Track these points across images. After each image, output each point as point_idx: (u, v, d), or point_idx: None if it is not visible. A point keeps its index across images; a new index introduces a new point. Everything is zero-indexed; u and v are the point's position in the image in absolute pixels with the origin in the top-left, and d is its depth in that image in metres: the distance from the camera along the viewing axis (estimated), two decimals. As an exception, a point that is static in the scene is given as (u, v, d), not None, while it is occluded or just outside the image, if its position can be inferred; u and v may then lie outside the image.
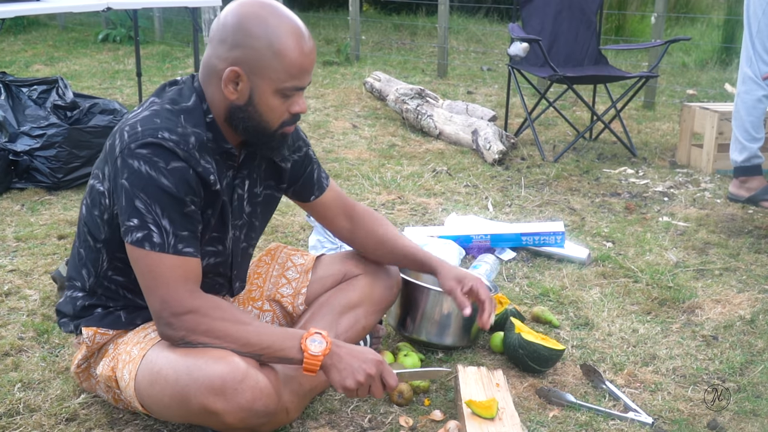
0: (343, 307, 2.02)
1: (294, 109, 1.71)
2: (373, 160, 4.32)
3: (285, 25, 1.64)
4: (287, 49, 1.63)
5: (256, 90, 1.66)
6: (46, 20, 10.54)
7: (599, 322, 2.47)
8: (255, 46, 1.63)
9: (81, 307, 1.84)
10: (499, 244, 3.01)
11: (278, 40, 1.63)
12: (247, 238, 1.92)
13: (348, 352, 1.70)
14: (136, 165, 1.61)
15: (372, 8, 12.54)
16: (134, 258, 1.65)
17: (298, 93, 1.70)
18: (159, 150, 1.61)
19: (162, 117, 1.66)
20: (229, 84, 1.66)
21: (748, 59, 3.27)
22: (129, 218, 1.62)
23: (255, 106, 1.68)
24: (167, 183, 1.61)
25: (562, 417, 1.94)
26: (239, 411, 1.61)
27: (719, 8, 9.56)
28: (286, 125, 1.73)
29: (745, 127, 3.32)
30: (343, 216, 2.07)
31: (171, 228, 1.62)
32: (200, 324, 1.65)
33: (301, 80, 1.67)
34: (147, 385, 1.68)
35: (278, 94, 1.67)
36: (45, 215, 3.35)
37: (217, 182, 1.71)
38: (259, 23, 1.63)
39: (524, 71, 4.84)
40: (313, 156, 2.01)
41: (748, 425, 1.94)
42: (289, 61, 1.64)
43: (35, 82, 3.95)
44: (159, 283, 1.63)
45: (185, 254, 1.64)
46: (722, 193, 3.83)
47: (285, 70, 1.64)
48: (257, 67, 1.64)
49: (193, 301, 1.65)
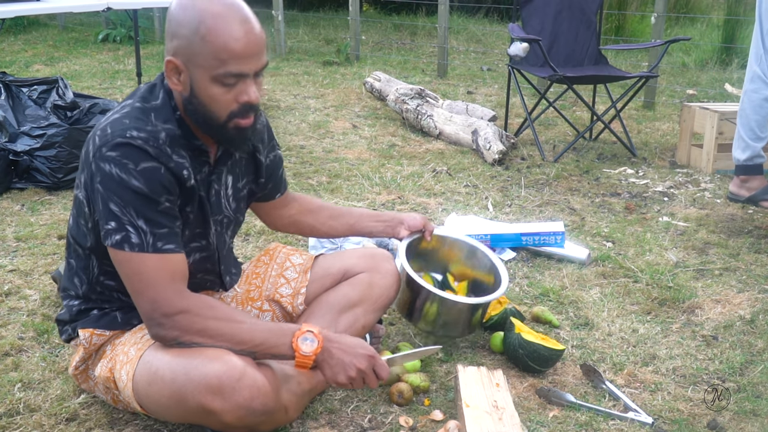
0: (343, 306, 2.02)
1: (242, 98, 1.62)
2: (373, 160, 4.32)
3: (214, 9, 1.57)
4: (213, 32, 1.55)
5: (194, 79, 1.61)
6: (46, 20, 10.54)
7: (599, 322, 2.47)
8: (184, 33, 1.58)
9: (77, 312, 1.84)
10: (499, 244, 3.01)
11: (204, 24, 1.56)
12: (232, 233, 1.96)
13: (339, 347, 1.71)
14: (108, 168, 1.60)
15: (372, 8, 12.54)
16: (117, 261, 1.65)
17: (243, 80, 1.61)
18: (128, 150, 1.60)
19: (131, 117, 1.65)
20: (171, 76, 1.64)
21: (758, 57, 3.24)
22: (107, 222, 1.62)
23: (198, 97, 1.62)
24: (137, 184, 1.60)
25: (562, 417, 1.94)
26: (237, 410, 1.61)
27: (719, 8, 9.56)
28: (236, 116, 1.64)
29: (750, 126, 3.31)
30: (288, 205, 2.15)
31: (148, 227, 1.62)
32: (193, 324, 1.64)
33: (237, 65, 1.57)
34: (145, 386, 1.68)
35: (216, 81, 1.59)
36: (45, 215, 3.35)
37: (191, 177, 1.69)
38: (187, 9, 1.58)
39: (524, 71, 4.84)
40: (282, 156, 2.07)
41: (748, 425, 1.94)
42: (217, 46, 1.56)
43: (35, 82, 3.95)
44: (145, 284, 1.63)
45: (166, 251, 1.64)
46: (722, 193, 3.83)
47: (214, 56, 1.56)
48: (189, 54, 1.59)
49: (183, 301, 1.64)
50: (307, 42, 9.09)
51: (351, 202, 3.58)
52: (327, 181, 3.91)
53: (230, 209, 1.88)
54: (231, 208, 1.88)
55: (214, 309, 1.68)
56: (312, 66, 7.58)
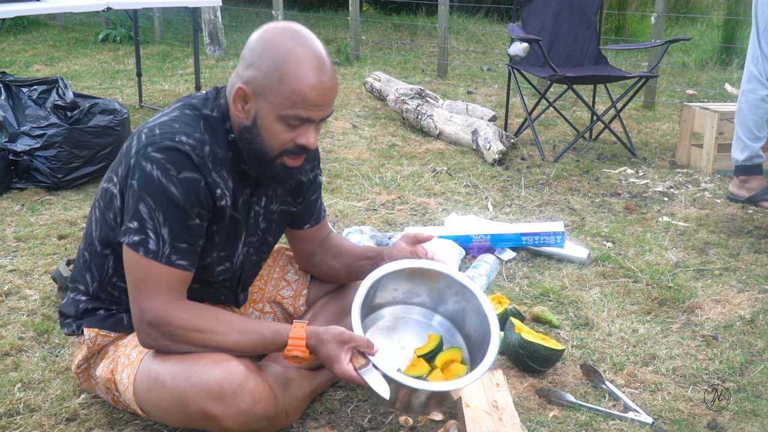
0: (344, 309, 2.01)
1: (300, 141, 1.65)
2: (373, 160, 4.32)
3: (298, 51, 1.60)
4: (293, 75, 1.58)
5: (261, 112, 1.62)
6: (46, 20, 10.54)
7: (599, 322, 2.47)
8: (263, 67, 1.60)
9: (84, 310, 1.84)
10: (499, 244, 3.01)
11: (286, 65, 1.58)
12: (259, 253, 1.91)
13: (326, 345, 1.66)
14: (148, 168, 1.60)
15: (372, 8, 12.54)
16: (127, 259, 1.65)
17: (306, 125, 1.64)
18: (173, 155, 1.60)
19: (181, 122, 1.65)
20: (237, 102, 1.64)
21: (755, 58, 3.25)
22: (130, 220, 1.62)
23: (258, 129, 1.64)
24: (175, 192, 1.60)
25: (562, 417, 1.94)
26: (239, 415, 1.61)
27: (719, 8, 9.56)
28: (287, 154, 1.67)
29: (748, 126, 3.32)
30: (316, 245, 2.05)
31: (169, 238, 1.62)
32: (176, 336, 1.65)
33: (306, 111, 1.61)
34: (145, 390, 1.68)
35: (281, 120, 1.62)
36: (45, 215, 3.35)
37: (225, 198, 1.69)
38: (274, 45, 1.60)
39: (524, 71, 4.84)
40: (321, 184, 2.00)
41: (748, 425, 1.94)
42: (293, 88, 1.58)
43: (35, 82, 3.95)
44: (142, 290, 1.64)
45: (178, 266, 1.64)
46: (722, 193, 3.83)
47: (287, 97, 1.59)
48: (262, 88, 1.60)
49: (168, 312, 1.64)
50: (307, 42, 9.08)
51: (351, 202, 3.59)
52: (327, 181, 3.91)
53: (260, 228, 1.86)
54: (260, 228, 1.86)
55: (200, 320, 1.66)
56: (312, 66, 7.57)
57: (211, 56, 8.00)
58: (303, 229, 1.99)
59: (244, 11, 11.19)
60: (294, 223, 1.98)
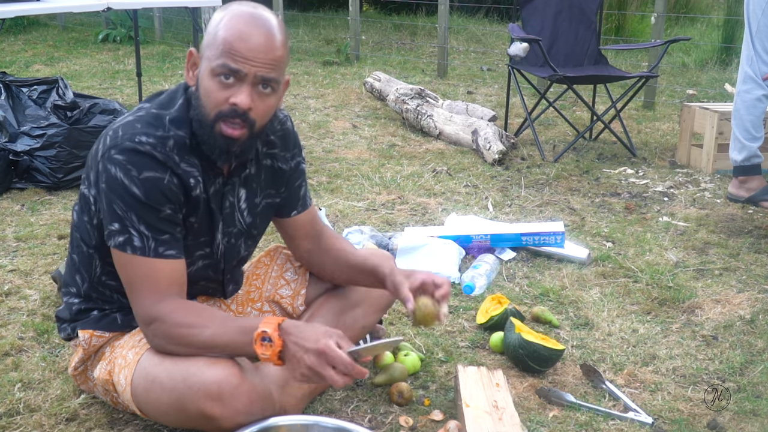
0: (343, 307, 2.02)
1: (232, 98, 1.60)
2: (373, 160, 4.32)
3: (239, 9, 1.63)
4: (224, 27, 1.60)
5: (201, 72, 1.65)
6: (46, 20, 10.54)
7: (599, 322, 2.47)
8: (209, 30, 1.64)
9: (77, 311, 1.84)
10: (499, 244, 3.01)
11: (224, 21, 1.62)
12: (246, 246, 1.92)
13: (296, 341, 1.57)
14: (113, 171, 1.62)
15: (372, 8, 12.54)
16: (118, 262, 1.67)
17: (239, 83, 1.60)
18: (134, 156, 1.61)
19: (143, 122, 1.66)
20: (189, 69, 1.68)
21: (749, 59, 3.28)
22: (111, 222, 1.64)
23: (198, 90, 1.65)
24: (138, 192, 1.61)
25: (562, 417, 1.94)
26: (237, 415, 1.61)
27: (719, 8, 9.56)
28: (223, 118, 1.62)
29: (744, 126, 3.33)
30: (310, 238, 2.02)
31: (150, 233, 1.63)
32: (164, 332, 1.64)
33: (234, 61, 1.57)
34: (143, 391, 1.68)
35: (213, 75, 1.60)
36: (45, 215, 3.35)
37: (198, 187, 1.69)
38: (221, 9, 1.65)
39: (524, 71, 4.84)
40: (305, 173, 2.00)
41: (748, 425, 1.94)
42: (222, 38, 1.59)
43: (35, 82, 3.95)
44: (135, 291, 1.65)
45: (167, 257, 1.65)
46: (722, 193, 3.83)
47: (217, 47, 1.60)
48: (204, 47, 1.64)
49: (154, 308, 1.63)
50: (307, 42, 9.09)
51: (351, 202, 3.59)
52: (327, 181, 3.91)
53: (243, 222, 1.86)
54: (245, 222, 1.86)
55: (180, 315, 1.64)
56: (312, 66, 7.58)
57: (211, 56, 7.99)
58: (290, 216, 1.97)
59: (244, 11, 11.17)
60: (280, 212, 1.96)
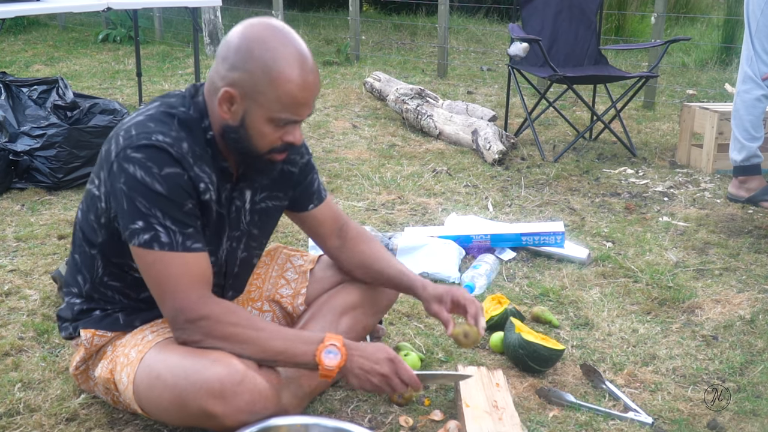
0: (344, 307, 2.01)
1: (287, 138, 1.67)
2: (373, 160, 4.32)
3: (286, 53, 1.60)
4: (284, 78, 1.59)
5: (249, 114, 1.63)
6: (46, 20, 10.54)
7: (599, 322, 2.47)
8: (252, 69, 1.59)
9: (79, 311, 1.84)
10: (499, 244, 3.01)
11: (276, 67, 1.59)
12: (247, 248, 1.91)
13: (361, 356, 1.70)
14: (132, 169, 1.61)
15: (372, 8, 12.54)
16: (143, 260, 1.65)
17: (294, 123, 1.67)
18: (153, 153, 1.61)
19: (156, 120, 1.66)
20: (223, 104, 1.64)
21: (748, 59, 3.28)
22: (133, 221, 1.62)
23: (246, 129, 1.65)
24: (161, 189, 1.61)
25: (562, 417, 1.94)
26: (239, 413, 1.61)
27: (719, 8, 9.56)
28: (276, 152, 1.70)
29: (744, 126, 3.33)
30: (335, 233, 2.04)
31: (176, 227, 1.63)
32: (214, 330, 1.65)
33: (296, 112, 1.63)
34: (145, 389, 1.68)
35: (271, 122, 1.64)
36: (45, 215, 3.35)
37: (209, 193, 1.70)
38: (259, 47, 1.60)
39: (524, 71, 4.84)
40: (315, 166, 2.01)
41: (748, 425, 1.94)
42: (284, 91, 1.59)
43: (35, 82, 3.95)
44: (170, 288, 1.64)
45: (194, 250, 1.65)
46: (722, 193, 3.83)
47: (279, 100, 1.60)
48: (252, 92, 1.61)
49: (206, 308, 1.65)
50: (307, 42, 9.00)
51: (351, 202, 3.59)
52: (327, 181, 3.91)
53: (244, 222, 1.86)
54: (245, 221, 1.86)
55: (236, 315, 1.68)
56: (312, 66, 7.57)
57: (211, 56, 8.00)
58: (308, 210, 1.99)
59: (244, 11, 11.20)
60: (297, 207, 1.99)
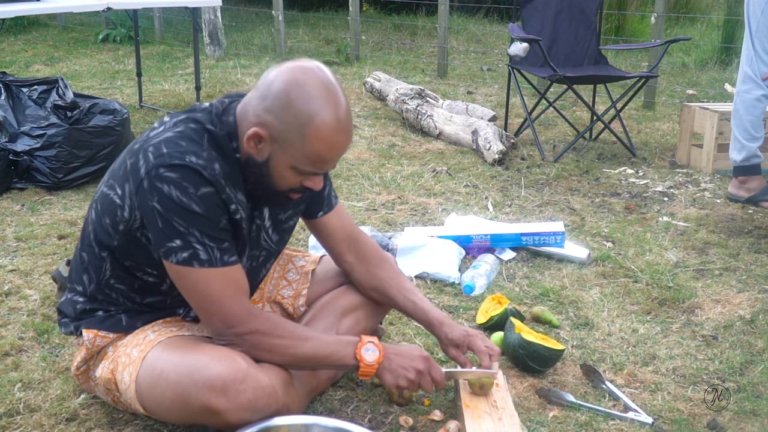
0: (345, 309, 2.02)
1: (307, 184, 1.69)
2: (373, 160, 4.32)
3: (324, 112, 1.58)
4: (315, 137, 1.59)
5: (274, 157, 1.64)
6: (46, 20, 10.54)
7: (599, 322, 2.47)
8: (286, 120, 1.59)
9: (81, 311, 1.84)
10: (499, 244, 3.01)
11: (311, 125, 1.58)
12: (266, 262, 1.94)
13: (396, 353, 1.79)
14: (166, 189, 1.59)
15: (372, 8, 12.54)
16: (182, 278, 1.66)
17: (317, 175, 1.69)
18: (187, 173, 1.60)
19: (186, 139, 1.64)
20: (251, 140, 1.64)
21: (748, 59, 3.29)
22: (170, 239, 1.62)
23: (269, 169, 1.66)
24: (198, 209, 1.61)
25: (562, 417, 1.94)
26: (241, 410, 1.61)
27: (719, 8, 9.56)
28: (294, 192, 1.73)
29: (744, 126, 3.33)
30: (346, 246, 2.03)
31: (213, 243, 1.64)
32: (261, 342, 1.70)
33: (320, 168, 1.66)
34: (148, 387, 1.68)
35: (294, 169, 1.65)
36: (45, 215, 3.35)
37: (238, 213, 1.71)
38: (299, 98, 1.58)
39: (524, 71, 4.84)
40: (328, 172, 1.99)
41: (748, 425, 1.94)
42: (314, 149, 1.60)
43: (35, 82, 3.95)
44: (215, 303, 1.67)
45: (231, 263, 1.67)
46: (722, 193, 3.83)
47: (306, 156, 1.61)
48: (281, 139, 1.61)
49: (254, 322, 1.69)
50: (307, 42, 9.09)
51: (351, 202, 3.59)
52: (327, 181, 3.91)
53: (271, 242, 1.88)
54: (272, 241, 1.88)
55: (282, 328, 1.74)
56: (312, 66, 7.57)
57: (211, 56, 8.00)
58: (317, 217, 1.99)
59: (244, 11, 11.20)
60: (307, 214, 2.00)
